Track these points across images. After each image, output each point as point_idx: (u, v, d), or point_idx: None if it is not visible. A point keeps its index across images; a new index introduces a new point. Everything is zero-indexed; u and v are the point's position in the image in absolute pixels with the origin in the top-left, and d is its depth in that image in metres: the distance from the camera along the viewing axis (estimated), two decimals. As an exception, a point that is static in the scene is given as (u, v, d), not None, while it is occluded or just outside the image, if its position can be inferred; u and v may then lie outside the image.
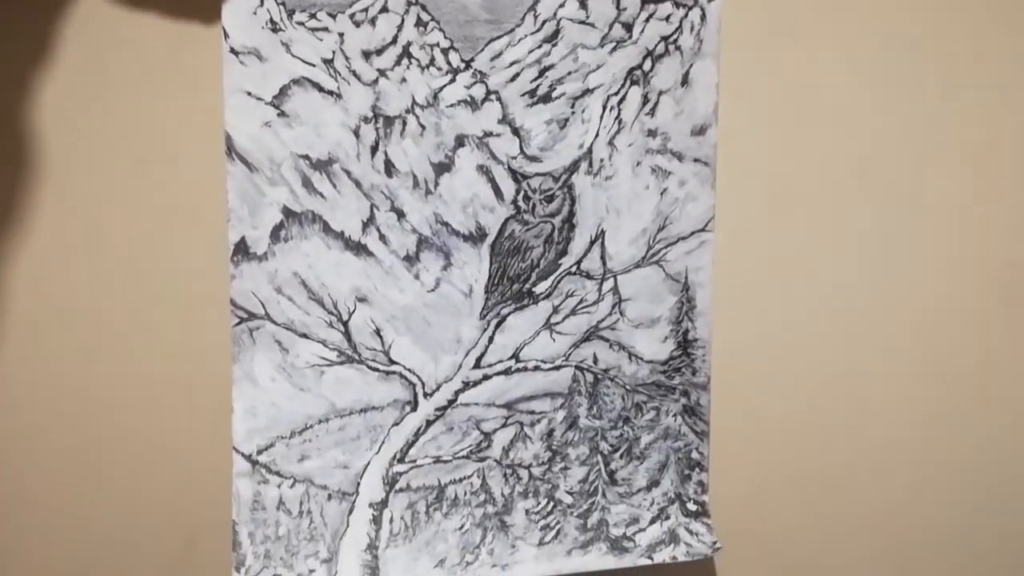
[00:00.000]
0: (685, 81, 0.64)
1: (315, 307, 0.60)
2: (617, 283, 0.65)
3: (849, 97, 0.68)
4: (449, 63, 0.60)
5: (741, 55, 0.65)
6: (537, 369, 0.64)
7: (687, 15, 0.63)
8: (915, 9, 0.68)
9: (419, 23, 0.59)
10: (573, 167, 0.63)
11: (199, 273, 0.61)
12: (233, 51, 0.57)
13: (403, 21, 0.59)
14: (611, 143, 0.63)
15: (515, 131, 0.62)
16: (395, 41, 0.59)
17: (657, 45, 0.63)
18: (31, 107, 0.58)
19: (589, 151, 0.63)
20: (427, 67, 0.60)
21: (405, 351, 0.62)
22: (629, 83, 0.63)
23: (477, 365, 0.63)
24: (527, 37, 0.61)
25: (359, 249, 0.60)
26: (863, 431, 0.72)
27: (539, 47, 0.61)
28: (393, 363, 0.62)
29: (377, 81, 0.59)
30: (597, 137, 0.63)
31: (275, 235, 0.59)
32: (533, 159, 0.62)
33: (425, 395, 0.63)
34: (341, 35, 0.58)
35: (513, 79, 0.61)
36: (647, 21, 0.62)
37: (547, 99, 0.62)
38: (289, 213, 0.59)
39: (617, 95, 0.63)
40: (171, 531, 0.63)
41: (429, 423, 0.63)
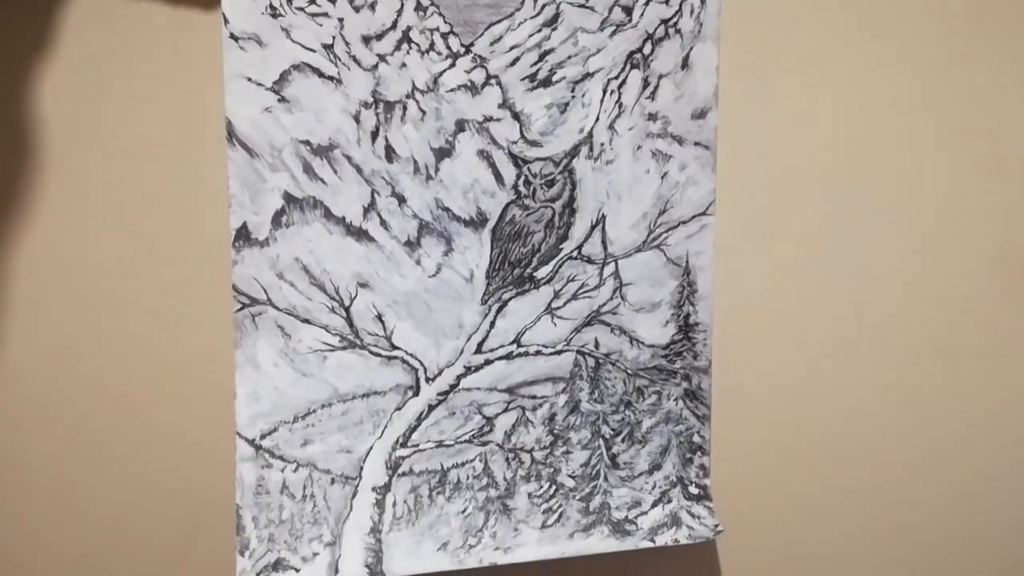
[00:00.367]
0: (685, 64, 0.63)
1: (317, 292, 0.60)
2: (618, 267, 0.65)
3: (849, 80, 0.68)
4: (449, 48, 0.60)
5: (741, 38, 0.65)
6: (539, 354, 0.64)
7: (687, -2, 0.63)
8: (916, -8, 0.68)
9: (418, 8, 0.59)
10: (574, 151, 0.63)
11: (201, 259, 0.61)
12: (233, 37, 0.57)
13: (403, 6, 0.59)
14: (611, 127, 0.63)
15: (515, 116, 0.62)
16: (395, 26, 0.59)
17: (657, 28, 0.63)
18: (33, 94, 0.59)
19: (589, 135, 0.63)
20: (427, 52, 0.60)
21: (407, 336, 0.62)
22: (629, 67, 0.63)
23: (479, 350, 0.63)
24: (527, 21, 0.61)
25: (360, 235, 0.61)
26: (863, 414, 0.72)
27: (539, 31, 0.61)
28: (395, 348, 0.62)
29: (377, 66, 0.59)
30: (597, 121, 0.63)
31: (276, 221, 0.59)
32: (533, 144, 0.62)
33: (427, 380, 0.63)
34: (341, 20, 0.58)
35: (513, 63, 0.61)
36: (647, 4, 0.62)
37: (547, 83, 0.62)
38: (290, 199, 0.59)
39: (617, 79, 0.63)
40: (176, 516, 0.63)
41: (431, 408, 0.63)
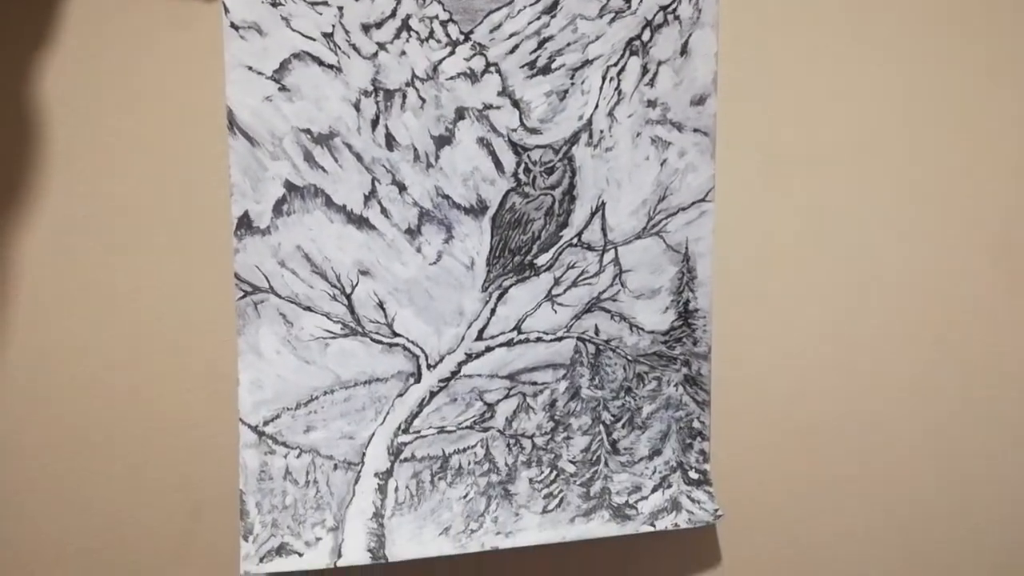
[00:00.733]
0: (684, 51, 0.64)
1: (318, 280, 0.61)
2: (618, 254, 0.65)
3: (848, 67, 0.68)
4: (448, 35, 0.60)
5: (740, 24, 0.65)
6: (539, 340, 0.65)
7: (686, -15, 0.63)
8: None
9: (418, -5, 0.59)
10: (573, 139, 0.63)
11: (203, 247, 0.61)
12: (234, 26, 0.57)
13: (402, -6, 0.59)
14: (611, 114, 0.63)
15: (515, 103, 0.62)
16: (394, 14, 0.59)
17: (656, 15, 0.63)
18: (35, 85, 0.59)
19: (589, 122, 0.63)
20: (426, 40, 0.60)
21: (408, 323, 0.62)
22: (628, 53, 0.63)
23: (479, 337, 0.64)
24: (526, 8, 0.61)
25: (361, 222, 0.61)
26: (862, 400, 0.72)
27: (538, 18, 0.61)
28: (396, 335, 0.62)
29: (377, 54, 0.60)
30: (597, 108, 0.63)
31: (278, 209, 0.60)
32: (533, 131, 0.62)
33: (428, 367, 0.63)
34: (340, 9, 0.58)
35: (512, 51, 0.61)
36: (646, -9, 0.62)
37: (546, 71, 0.62)
38: (291, 187, 0.60)
39: (616, 66, 0.63)
40: (180, 502, 0.64)
41: (433, 394, 0.64)
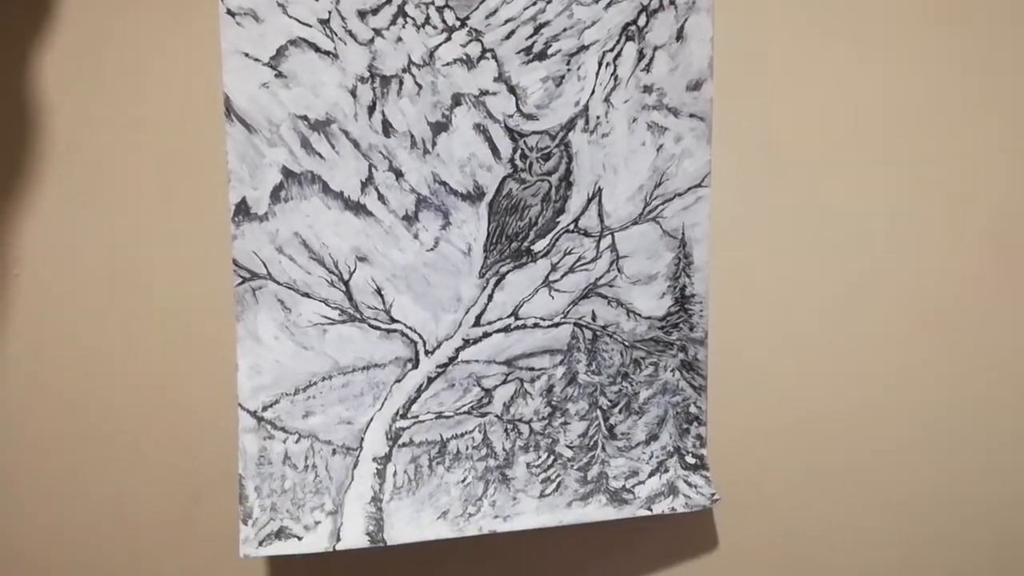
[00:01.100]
0: (680, 36, 0.63)
1: (316, 266, 0.61)
2: (615, 240, 0.65)
3: (844, 50, 0.68)
4: (444, 21, 0.60)
5: (736, 8, 0.65)
6: (536, 326, 0.65)
7: (682, -31, 0.63)
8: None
9: (414, -19, 0.59)
10: (569, 125, 0.63)
11: (201, 234, 0.62)
12: (230, 12, 0.58)
13: (398, -21, 0.59)
14: (607, 100, 0.63)
15: (511, 89, 0.62)
16: (390, 0, 0.59)
17: (652, 0, 0.63)
18: (32, 73, 0.59)
19: (585, 108, 0.63)
20: (423, 26, 0.60)
21: (406, 309, 0.63)
22: (624, 39, 0.63)
23: (477, 323, 0.64)
24: (522, -6, 0.61)
25: (358, 209, 0.61)
26: (859, 385, 0.72)
27: (534, 4, 0.61)
28: (394, 321, 0.63)
29: (373, 41, 0.60)
30: (593, 94, 0.63)
31: (275, 195, 0.60)
32: (530, 117, 0.62)
33: (426, 352, 0.64)
34: (337, -6, 0.59)
35: (508, 36, 0.61)
36: (642, -24, 0.62)
37: (542, 56, 0.62)
38: (288, 174, 0.60)
39: (612, 51, 0.63)
40: (179, 486, 0.64)
41: (430, 380, 0.64)
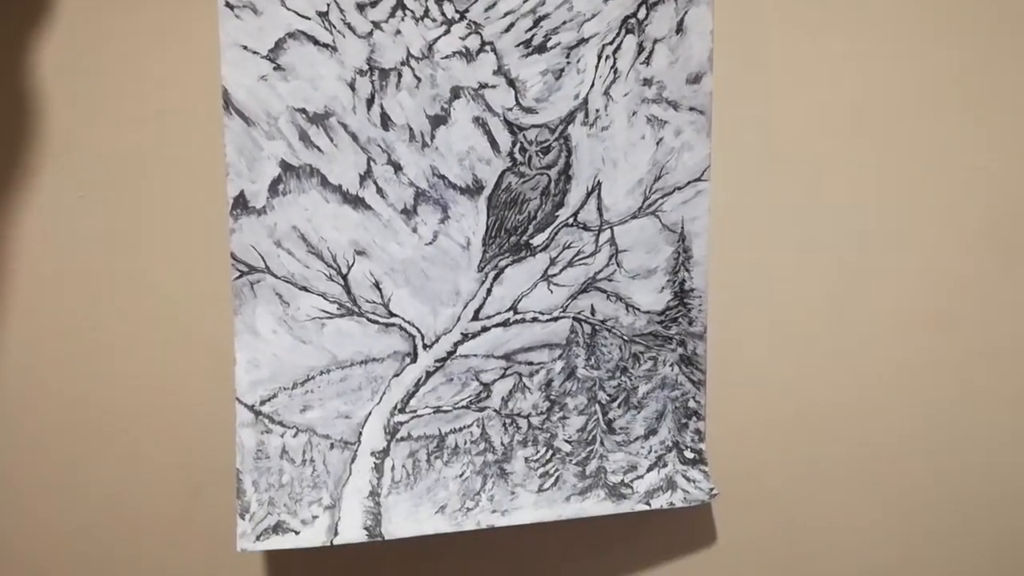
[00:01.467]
0: (680, 29, 0.63)
1: (314, 260, 0.61)
2: (614, 234, 0.65)
3: (844, 44, 0.68)
4: (443, 14, 0.60)
5: (736, 2, 0.65)
6: (535, 320, 0.65)
7: (682, -37, 0.63)
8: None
9: (413, -26, 0.59)
10: (569, 118, 0.63)
11: (199, 227, 0.61)
12: (228, 5, 0.57)
13: (397, -28, 0.59)
14: (607, 93, 0.63)
15: (510, 82, 0.62)
16: (389, -7, 0.59)
17: (651, -7, 0.62)
18: (30, 65, 0.59)
19: (585, 101, 0.63)
20: (421, 18, 0.60)
21: (404, 303, 0.63)
22: (624, 31, 0.62)
23: (476, 317, 0.64)
24: (521, -14, 0.61)
25: (357, 202, 0.61)
26: (858, 379, 0.72)
27: (533, -4, 0.61)
28: (393, 315, 0.63)
29: (372, 33, 0.59)
30: (592, 87, 0.63)
31: (273, 189, 0.60)
32: (529, 110, 0.62)
33: (425, 347, 0.63)
34: (335, -13, 0.58)
35: (508, 29, 0.61)
36: (641, -32, 0.62)
37: (542, 49, 0.62)
38: (287, 167, 0.60)
39: (612, 44, 0.62)
40: (177, 480, 0.64)
41: (429, 374, 0.64)
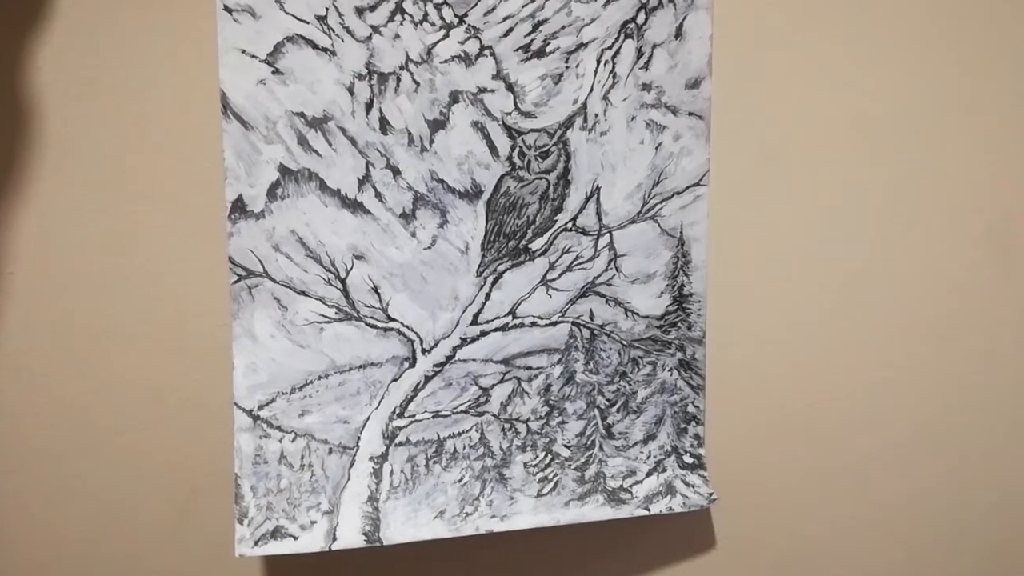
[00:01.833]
0: (679, 34, 0.63)
1: (313, 265, 0.61)
2: (613, 239, 0.65)
3: (843, 49, 0.68)
4: (442, 18, 0.60)
5: (735, 6, 0.65)
6: (534, 325, 0.65)
7: (680, -33, 0.63)
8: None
9: (412, -22, 0.59)
10: (568, 123, 0.63)
11: (197, 231, 0.61)
12: (227, 8, 0.57)
13: (396, -24, 0.59)
14: (605, 98, 0.63)
15: (509, 87, 0.62)
16: (388, -3, 0.59)
17: (650, -3, 0.62)
18: (27, 69, 0.59)
19: (583, 106, 0.63)
20: (420, 23, 0.60)
21: (403, 308, 0.62)
22: (623, 36, 0.63)
23: (474, 321, 0.64)
24: (520, -9, 0.61)
25: (355, 207, 0.61)
26: (856, 384, 0.72)
27: (532, 1, 0.61)
28: (391, 320, 0.62)
29: (371, 38, 0.59)
30: (591, 92, 0.63)
31: (272, 193, 0.59)
32: (528, 115, 0.62)
33: (423, 351, 0.63)
34: (334, -9, 0.58)
35: (507, 34, 0.61)
36: (640, -27, 0.62)
37: (541, 54, 0.62)
38: (285, 171, 0.59)
39: (611, 49, 0.62)
40: (175, 485, 0.64)
41: (427, 379, 0.64)
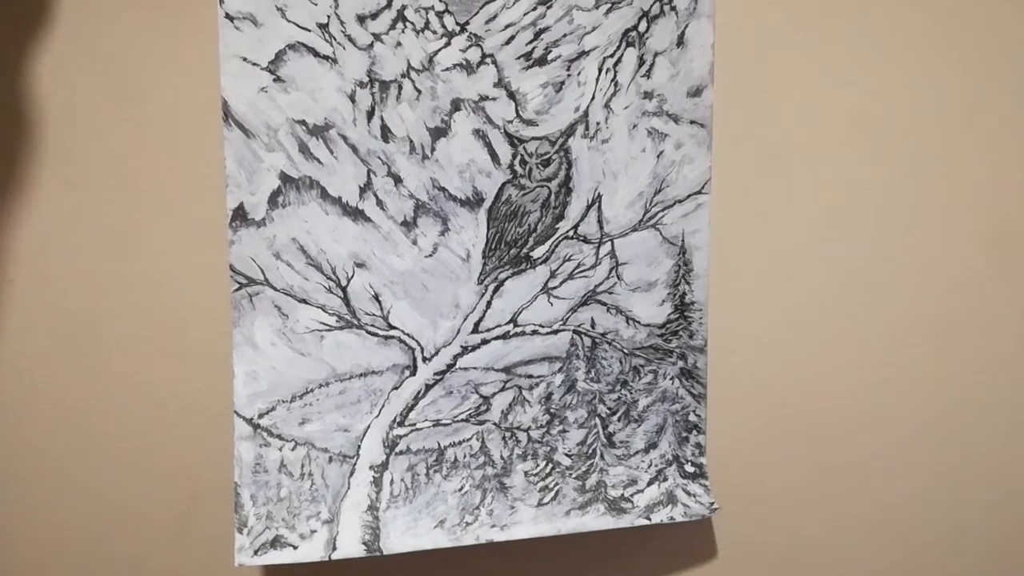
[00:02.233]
0: (681, 42, 0.63)
1: (314, 273, 0.61)
2: (614, 247, 0.65)
3: (845, 57, 0.68)
4: (444, 26, 0.60)
5: (736, 15, 0.65)
6: (535, 333, 0.65)
7: (682, -25, 0.63)
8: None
9: (413, -14, 0.59)
10: (569, 131, 0.63)
11: (198, 239, 0.61)
12: (228, 16, 0.57)
13: (397, -16, 0.59)
14: (607, 106, 0.63)
15: (511, 95, 0.62)
16: (389, 5, 0.59)
17: (652, 5, 0.62)
18: (28, 76, 0.59)
19: (585, 114, 0.63)
20: (422, 31, 0.60)
21: (404, 316, 0.62)
22: (625, 44, 0.62)
23: (475, 330, 0.64)
24: (522, -1, 0.61)
25: (357, 215, 0.61)
26: (858, 392, 0.72)
27: (534, 9, 0.61)
28: (392, 328, 0.62)
29: (372, 45, 0.59)
30: (593, 100, 0.63)
31: (273, 201, 0.59)
32: (529, 123, 0.62)
33: (424, 359, 0.63)
34: (336, -1, 0.58)
35: (508, 42, 0.61)
36: (642, -18, 0.62)
37: (542, 62, 0.62)
38: (287, 179, 0.59)
39: (613, 57, 0.62)
40: (174, 493, 0.64)
41: (428, 387, 0.63)
